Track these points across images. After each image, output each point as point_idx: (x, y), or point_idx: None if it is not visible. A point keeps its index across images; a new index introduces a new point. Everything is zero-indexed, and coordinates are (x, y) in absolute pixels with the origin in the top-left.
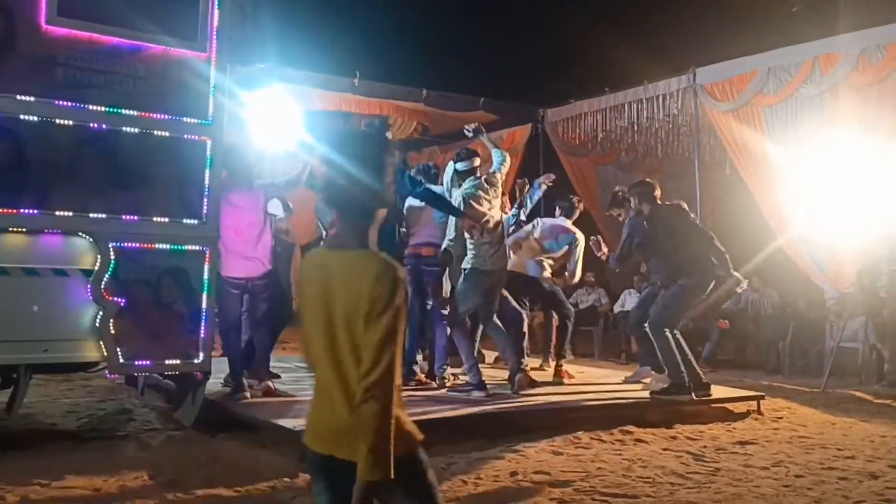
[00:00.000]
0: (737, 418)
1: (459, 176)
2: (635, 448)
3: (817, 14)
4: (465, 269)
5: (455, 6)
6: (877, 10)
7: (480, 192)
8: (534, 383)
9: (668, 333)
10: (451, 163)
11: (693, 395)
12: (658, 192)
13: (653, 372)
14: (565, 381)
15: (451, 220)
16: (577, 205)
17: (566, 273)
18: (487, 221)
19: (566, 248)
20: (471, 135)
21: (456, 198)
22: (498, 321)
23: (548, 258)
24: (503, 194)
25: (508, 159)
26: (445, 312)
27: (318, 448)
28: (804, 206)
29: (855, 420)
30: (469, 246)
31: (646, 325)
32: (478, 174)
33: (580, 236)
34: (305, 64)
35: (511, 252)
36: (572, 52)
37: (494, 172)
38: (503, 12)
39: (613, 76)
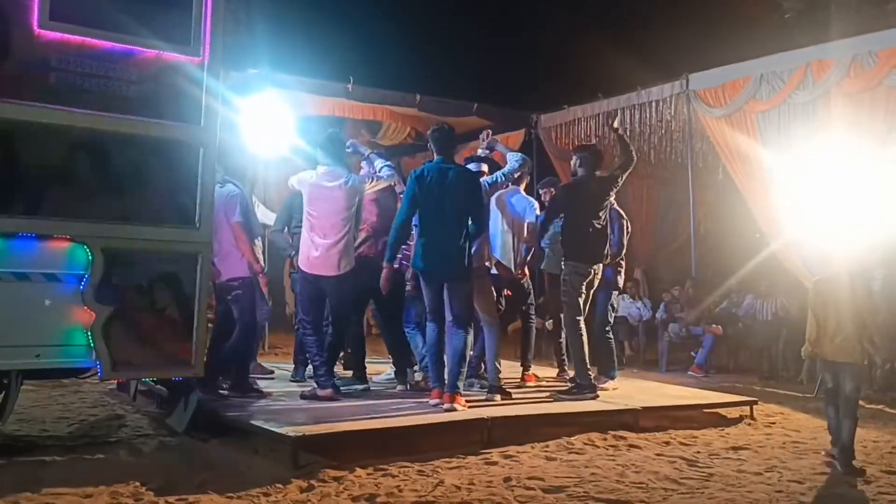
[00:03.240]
0: (730, 424)
1: None
2: (629, 453)
3: (810, 21)
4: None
5: (449, 12)
6: (870, 16)
7: None
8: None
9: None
10: None
11: (597, 394)
12: (600, 165)
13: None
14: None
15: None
16: None
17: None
18: None
19: None
20: (488, 152)
21: None
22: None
23: None
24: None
25: (527, 161)
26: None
27: (828, 357)
28: (797, 212)
29: None
30: None
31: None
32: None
33: None
34: (299, 69)
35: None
36: (566, 58)
37: (510, 173)
38: (497, 18)
39: (607, 82)
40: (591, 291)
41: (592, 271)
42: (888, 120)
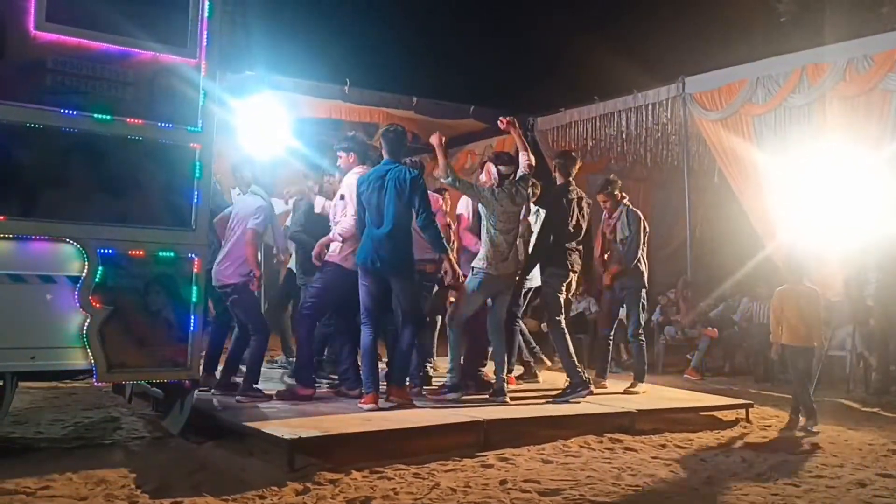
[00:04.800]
0: (726, 426)
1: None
2: (625, 456)
3: (805, 24)
4: (472, 269)
5: (446, 14)
6: (864, 20)
7: (504, 198)
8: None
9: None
10: (488, 162)
11: (591, 388)
12: (574, 169)
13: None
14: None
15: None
16: None
17: None
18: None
19: None
20: (503, 126)
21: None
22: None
23: None
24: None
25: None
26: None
27: (791, 343)
28: (792, 215)
29: (843, 428)
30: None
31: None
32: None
33: None
34: (295, 71)
35: None
36: (562, 61)
37: (525, 176)
38: (493, 20)
39: (603, 85)
40: (571, 295)
41: (570, 273)
42: (883, 123)
